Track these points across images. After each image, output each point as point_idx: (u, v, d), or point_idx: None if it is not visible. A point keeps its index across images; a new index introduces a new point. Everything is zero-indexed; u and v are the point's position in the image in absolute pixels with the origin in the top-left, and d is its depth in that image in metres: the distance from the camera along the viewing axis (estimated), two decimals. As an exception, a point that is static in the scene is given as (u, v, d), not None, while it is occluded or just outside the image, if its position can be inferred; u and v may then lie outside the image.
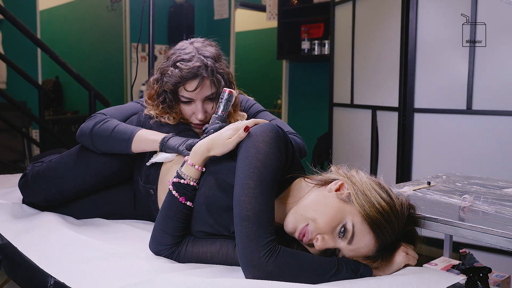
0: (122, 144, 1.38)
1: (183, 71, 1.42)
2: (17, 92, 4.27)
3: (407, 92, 2.79)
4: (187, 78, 1.42)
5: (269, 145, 1.04)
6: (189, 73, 1.41)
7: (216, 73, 1.45)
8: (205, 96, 1.46)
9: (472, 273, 1.22)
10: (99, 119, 1.44)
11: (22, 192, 1.53)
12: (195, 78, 1.42)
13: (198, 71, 1.42)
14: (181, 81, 1.43)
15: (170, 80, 1.44)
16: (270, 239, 0.97)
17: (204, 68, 1.42)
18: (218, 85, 1.46)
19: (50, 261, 1.13)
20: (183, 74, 1.42)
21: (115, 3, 5.62)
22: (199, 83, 1.42)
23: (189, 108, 1.48)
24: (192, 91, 1.43)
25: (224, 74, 1.48)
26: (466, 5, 2.52)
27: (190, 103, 1.47)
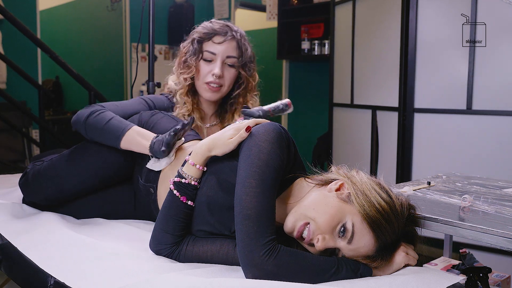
0: (112, 140, 1.39)
1: (215, 25, 1.59)
2: (17, 92, 4.26)
3: (407, 92, 2.79)
4: (218, 32, 1.58)
5: (271, 144, 1.05)
6: (220, 28, 1.58)
7: (244, 41, 1.61)
8: (227, 55, 1.58)
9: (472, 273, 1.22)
10: (95, 109, 1.44)
11: (23, 190, 1.53)
12: (224, 34, 1.58)
13: (228, 30, 1.59)
14: (212, 32, 1.59)
15: (202, 30, 1.60)
16: (270, 238, 0.97)
17: (234, 30, 1.60)
18: (243, 51, 1.60)
19: (50, 261, 1.13)
20: (214, 27, 1.59)
21: (115, 3, 5.62)
22: (227, 38, 1.57)
23: (207, 66, 1.59)
24: (219, 43, 1.57)
25: (249, 49, 1.65)
26: (466, 5, 2.52)
27: (210, 62, 1.59)
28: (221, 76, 1.58)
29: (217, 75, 1.57)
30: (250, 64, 1.64)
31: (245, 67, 1.63)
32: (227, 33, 1.58)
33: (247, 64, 1.63)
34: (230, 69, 1.60)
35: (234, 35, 1.59)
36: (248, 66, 1.63)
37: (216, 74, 1.57)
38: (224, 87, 1.62)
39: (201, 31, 1.60)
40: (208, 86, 1.60)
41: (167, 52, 5.88)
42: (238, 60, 1.60)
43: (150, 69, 2.25)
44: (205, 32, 1.59)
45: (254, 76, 1.68)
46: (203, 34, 1.59)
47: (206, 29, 1.60)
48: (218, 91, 1.61)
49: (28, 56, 4.57)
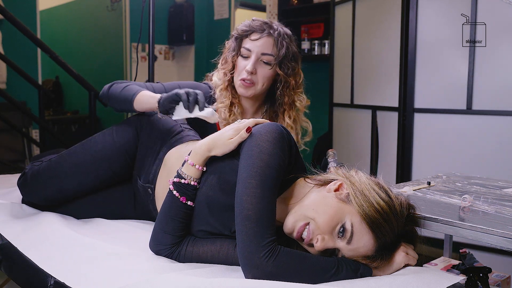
0: (127, 102, 1.45)
1: (254, 23, 1.62)
2: (17, 92, 4.26)
3: (407, 92, 2.79)
4: (255, 29, 1.61)
5: (273, 145, 1.04)
6: (258, 26, 1.61)
7: (282, 39, 1.61)
8: (262, 52, 1.60)
9: (472, 273, 1.22)
10: (118, 81, 1.54)
11: (21, 191, 1.53)
12: (261, 31, 1.60)
13: (267, 27, 1.60)
14: (249, 30, 1.61)
15: (241, 27, 1.64)
16: (270, 239, 0.97)
17: (273, 29, 1.61)
18: (281, 49, 1.60)
19: (50, 261, 1.13)
20: (252, 24, 1.62)
21: (115, 3, 5.62)
22: (263, 35, 1.60)
23: (244, 63, 1.62)
24: (254, 40, 1.59)
25: (289, 48, 1.63)
26: (466, 5, 2.52)
27: (247, 59, 1.61)
28: (253, 72, 1.60)
29: (248, 71, 1.59)
30: (290, 62, 1.64)
31: (281, 65, 1.63)
32: (264, 30, 1.60)
33: (284, 62, 1.63)
34: (265, 66, 1.61)
35: (272, 32, 1.60)
36: (286, 64, 1.63)
37: (247, 70, 1.59)
38: (258, 84, 1.63)
39: (240, 29, 1.64)
40: (242, 82, 1.62)
41: (167, 52, 5.88)
42: (274, 58, 1.61)
43: (150, 69, 2.25)
44: (243, 29, 1.63)
45: (296, 74, 1.68)
46: (241, 32, 1.63)
47: (245, 26, 1.63)
48: (251, 88, 1.63)
49: (28, 56, 4.57)
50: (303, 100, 1.72)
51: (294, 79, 1.67)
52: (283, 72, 1.63)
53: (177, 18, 5.61)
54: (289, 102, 1.68)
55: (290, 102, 1.69)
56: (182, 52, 5.95)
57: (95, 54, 5.95)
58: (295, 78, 1.68)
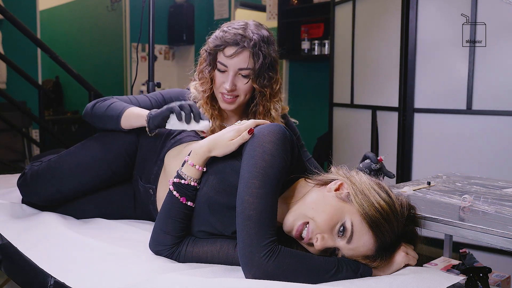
0: (113, 121, 1.40)
1: (226, 34, 1.47)
2: (17, 92, 4.26)
3: (407, 92, 2.79)
4: (228, 43, 1.46)
5: (275, 146, 1.05)
6: (231, 38, 1.46)
7: (258, 50, 1.46)
8: (239, 68, 1.48)
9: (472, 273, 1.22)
10: (101, 99, 1.48)
11: (21, 191, 1.53)
12: (235, 45, 1.45)
13: (241, 40, 1.45)
14: (222, 44, 1.47)
15: (212, 41, 1.50)
16: (271, 239, 0.97)
17: (247, 39, 1.45)
18: (256, 61, 1.47)
19: (50, 261, 1.13)
20: (225, 37, 1.46)
21: (115, 3, 5.62)
22: (237, 51, 1.45)
23: (221, 76, 1.51)
24: (229, 57, 1.46)
25: (268, 56, 1.49)
26: (466, 5, 2.52)
27: (223, 72, 1.50)
28: (233, 89, 1.51)
29: (228, 89, 1.50)
30: (267, 73, 1.51)
31: (259, 78, 1.51)
32: (238, 44, 1.45)
33: (261, 74, 1.50)
34: (244, 79, 1.50)
35: (246, 45, 1.45)
36: (263, 75, 1.50)
37: (226, 88, 1.50)
38: (240, 97, 1.53)
39: (212, 43, 1.50)
40: (222, 97, 1.53)
41: (167, 52, 5.89)
42: (253, 70, 1.49)
43: (150, 69, 2.25)
44: (216, 44, 1.49)
45: (274, 82, 1.55)
46: (214, 46, 1.49)
47: (217, 40, 1.49)
48: (234, 102, 1.54)
49: (28, 56, 4.57)
50: (279, 108, 1.60)
51: (270, 89, 1.55)
52: (259, 85, 1.52)
53: (177, 18, 5.61)
54: (263, 112, 1.58)
55: (264, 112, 1.58)
56: (182, 52, 5.95)
57: (95, 54, 5.95)
58: (272, 87, 1.55)
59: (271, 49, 1.51)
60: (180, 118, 1.30)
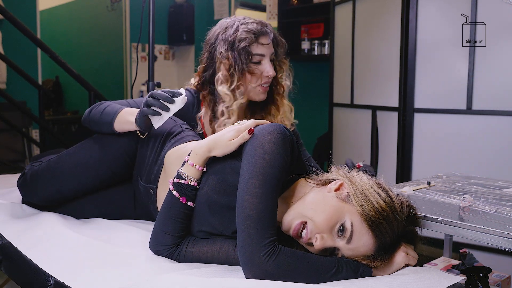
0: (108, 126, 1.40)
1: (256, 27, 1.55)
2: (17, 92, 4.26)
3: (407, 92, 2.79)
4: (262, 32, 1.55)
5: (276, 145, 1.05)
6: (261, 28, 1.55)
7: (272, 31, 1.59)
8: (271, 53, 1.58)
9: (472, 273, 1.22)
10: (97, 103, 1.49)
11: (21, 191, 1.53)
12: (264, 33, 1.56)
13: (267, 27, 1.57)
14: (257, 34, 1.54)
15: (246, 36, 1.53)
16: (271, 239, 0.97)
17: (264, 24, 1.58)
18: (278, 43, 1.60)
19: (50, 261, 1.13)
20: (257, 28, 1.54)
21: (115, 3, 5.62)
22: (270, 37, 1.56)
23: (257, 68, 1.56)
24: (267, 44, 1.55)
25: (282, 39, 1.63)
26: (466, 5, 2.52)
27: (259, 63, 1.56)
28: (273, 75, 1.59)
29: (271, 75, 1.56)
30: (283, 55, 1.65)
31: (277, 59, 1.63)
32: (267, 31, 1.56)
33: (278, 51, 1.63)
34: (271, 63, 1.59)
35: (268, 30, 1.57)
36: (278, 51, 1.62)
37: (270, 75, 1.56)
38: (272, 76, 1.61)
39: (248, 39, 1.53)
40: (261, 87, 1.58)
41: (167, 52, 5.88)
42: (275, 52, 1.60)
43: (150, 69, 2.25)
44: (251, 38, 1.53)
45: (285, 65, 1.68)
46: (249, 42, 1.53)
47: (248, 33, 1.53)
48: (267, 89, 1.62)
49: (28, 56, 4.57)
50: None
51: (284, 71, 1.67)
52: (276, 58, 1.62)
53: (177, 18, 5.61)
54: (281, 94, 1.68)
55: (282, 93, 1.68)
56: (182, 52, 5.95)
57: (95, 54, 5.95)
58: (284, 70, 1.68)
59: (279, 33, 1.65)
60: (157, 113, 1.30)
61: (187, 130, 1.47)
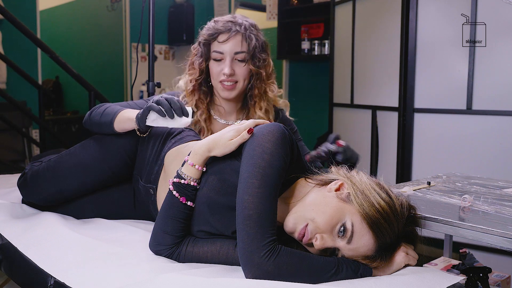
0: (108, 126, 1.41)
1: (218, 24, 1.58)
2: (17, 92, 4.26)
3: (407, 92, 2.79)
4: (221, 31, 1.57)
5: (275, 145, 1.05)
6: (223, 26, 1.57)
7: (250, 33, 1.58)
8: (235, 52, 1.57)
9: (472, 273, 1.23)
10: (98, 105, 1.50)
11: (21, 191, 1.53)
12: (228, 31, 1.56)
13: (232, 26, 1.57)
14: (215, 32, 1.57)
15: (206, 32, 1.60)
16: (271, 239, 0.97)
17: (238, 24, 1.57)
18: (250, 43, 1.57)
19: (50, 261, 1.13)
20: (217, 26, 1.58)
21: (115, 3, 5.62)
22: (230, 36, 1.56)
23: (218, 65, 1.59)
24: (223, 42, 1.56)
25: (258, 38, 1.60)
26: (466, 5, 2.52)
27: (220, 61, 1.58)
28: (232, 73, 1.58)
29: (227, 74, 1.57)
30: (261, 54, 1.61)
31: (254, 59, 1.60)
32: (231, 29, 1.56)
33: (256, 55, 1.60)
34: (240, 64, 1.59)
35: (238, 29, 1.56)
36: (257, 57, 1.60)
37: (226, 73, 1.57)
38: (240, 82, 1.61)
39: (205, 33, 1.60)
40: (222, 85, 1.60)
41: (167, 52, 5.88)
42: (247, 53, 1.58)
43: (150, 69, 2.25)
44: (209, 33, 1.59)
45: (267, 64, 1.65)
46: (208, 36, 1.59)
47: (209, 30, 1.59)
48: (234, 88, 1.61)
49: (28, 56, 4.57)
50: (275, 89, 1.68)
51: (265, 70, 1.64)
52: (254, 66, 1.60)
53: (177, 18, 5.61)
54: (259, 94, 1.65)
55: (261, 93, 1.65)
56: (182, 52, 5.95)
57: (95, 54, 5.95)
58: (266, 69, 1.64)
59: (260, 34, 1.63)
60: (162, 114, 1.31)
61: (187, 130, 1.47)
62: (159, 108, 1.31)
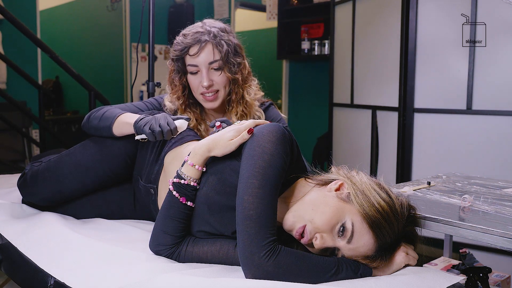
0: (106, 131, 1.42)
1: (187, 38, 1.53)
2: (17, 92, 4.26)
3: (407, 92, 2.79)
4: (191, 44, 1.52)
5: (275, 145, 1.05)
6: (191, 38, 1.52)
7: (220, 39, 1.53)
8: (209, 62, 1.52)
9: (472, 273, 1.23)
10: (97, 109, 1.50)
11: (21, 191, 1.53)
12: (197, 42, 1.51)
13: (201, 37, 1.51)
14: (185, 47, 1.53)
15: (176, 47, 1.55)
16: (271, 239, 0.97)
17: (206, 33, 1.52)
18: (221, 50, 1.52)
19: (50, 261, 1.13)
20: (186, 40, 1.52)
21: (115, 3, 5.62)
22: (201, 47, 1.51)
23: (195, 78, 1.55)
24: (194, 55, 1.51)
25: (230, 43, 1.55)
26: (466, 5, 2.52)
27: (196, 74, 1.55)
28: (211, 84, 1.54)
29: (206, 85, 1.53)
30: (235, 58, 1.56)
31: (228, 65, 1.55)
32: (200, 40, 1.51)
33: (230, 61, 1.55)
34: (217, 72, 1.55)
35: (207, 38, 1.51)
36: (231, 62, 1.55)
37: (205, 85, 1.53)
38: (220, 91, 1.57)
39: (176, 49, 1.55)
40: (204, 97, 1.57)
41: (167, 52, 5.88)
42: (222, 60, 1.53)
43: (150, 69, 2.25)
44: (179, 48, 1.54)
45: (243, 68, 1.60)
46: (179, 52, 1.54)
47: (179, 45, 1.54)
48: (217, 98, 1.58)
49: (28, 56, 4.57)
50: (252, 93, 1.63)
51: (240, 75, 1.59)
52: (230, 72, 1.56)
53: (177, 18, 5.61)
54: (236, 99, 1.61)
55: (238, 99, 1.61)
56: (182, 52, 5.94)
57: (95, 54, 5.95)
58: (242, 73, 1.60)
59: (231, 36, 1.58)
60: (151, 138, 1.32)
61: (187, 130, 1.47)
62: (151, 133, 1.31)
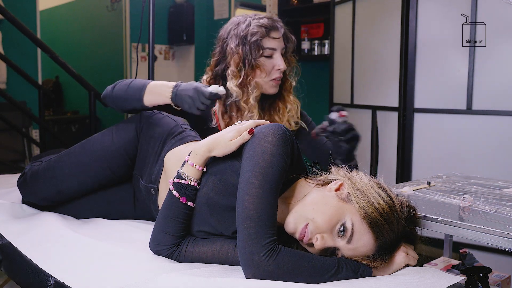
0: (136, 98, 1.42)
1: (267, 21, 1.59)
2: (17, 92, 4.26)
3: (407, 92, 2.79)
4: (273, 27, 1.59)
5: (276, 146, 1.05)
6: (272, 23, 1.60)
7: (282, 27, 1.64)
8: (282, 47, 1.62)
9: (472, 273, 1.23)
10: (122, 80, 1.51)
11: (21, 191, 1.53)
12: (277, 28, 1.60)
13: (277, 24, 1.61)
14: (269, 28, 1.59)
15: (258, 30, 1.58)
16: (271, 239, 0.97)
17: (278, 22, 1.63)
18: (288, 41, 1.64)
19: (50, 261, 1.13)
20: (268, 23, 1.59)
21: (115, 3, 5.62)
22: (281, 31, 1.61)
23: (270, 62, 1.60)
24: (278, 38, 1.59)
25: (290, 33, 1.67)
26: (466, 5, 2.52)
27: (271, 57, 1.60)
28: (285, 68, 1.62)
29: (282, 69, 1.60)
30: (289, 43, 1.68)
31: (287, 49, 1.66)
32: (277, 27, 1.60)
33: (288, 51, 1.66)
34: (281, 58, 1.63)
35: (281, 25, 1.62)
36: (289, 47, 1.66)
37: (281, 68, 1.60)
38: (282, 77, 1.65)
39: (259, 33, 1.58)
40: (274, 81, 1.63)
41: (167, 52, 5.88)
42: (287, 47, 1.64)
43: (150, 69, 2.25)
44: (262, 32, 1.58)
45: None
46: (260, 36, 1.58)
47: (262, 28, 1.58)
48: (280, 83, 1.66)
49: (28, 56, 4.57)
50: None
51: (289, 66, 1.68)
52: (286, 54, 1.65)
53: (177, 18, 5.61)
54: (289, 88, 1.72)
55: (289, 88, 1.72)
56: (182, 52, 5.95)
57: (95, 54, 5.95)
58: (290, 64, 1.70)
59: None
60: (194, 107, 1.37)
61: (187, 130, 1.47)
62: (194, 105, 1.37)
